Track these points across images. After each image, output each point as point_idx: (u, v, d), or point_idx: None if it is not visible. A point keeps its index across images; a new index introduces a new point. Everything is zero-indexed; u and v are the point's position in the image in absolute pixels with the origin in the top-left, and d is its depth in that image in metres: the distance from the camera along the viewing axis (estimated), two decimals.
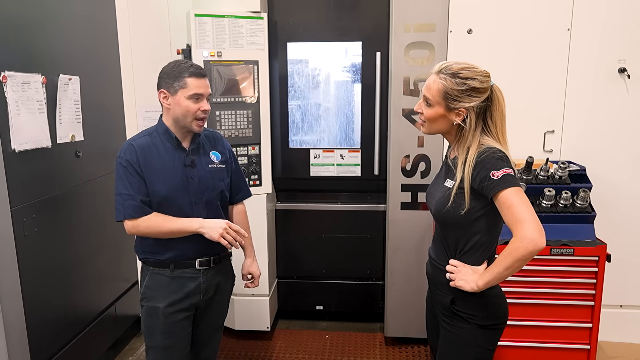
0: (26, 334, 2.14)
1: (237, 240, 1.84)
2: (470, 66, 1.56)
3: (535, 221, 1.42)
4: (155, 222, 1.82)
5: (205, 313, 2.03)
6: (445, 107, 1.57)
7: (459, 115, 1.56)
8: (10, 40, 2.06)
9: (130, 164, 1.81)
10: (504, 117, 1.59)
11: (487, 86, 1.54)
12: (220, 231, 1.81)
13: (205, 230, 1.81)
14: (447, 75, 1.55)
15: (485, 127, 1.58)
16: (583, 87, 2.75)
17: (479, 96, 1.53)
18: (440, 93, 1.56)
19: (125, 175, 1.82)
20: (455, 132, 1.61)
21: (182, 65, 1.82)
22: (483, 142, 1.55)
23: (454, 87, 1.53)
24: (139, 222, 1.82)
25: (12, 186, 2.05)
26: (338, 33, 3.10)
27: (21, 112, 2.11)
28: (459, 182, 1.56)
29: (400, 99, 2.79)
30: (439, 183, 1.71)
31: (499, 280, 1.52)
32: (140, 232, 1.84)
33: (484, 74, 1.55)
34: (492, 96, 1.56)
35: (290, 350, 3.10)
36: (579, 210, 2.47)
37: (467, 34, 2.73)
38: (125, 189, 1.81)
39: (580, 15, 2.68)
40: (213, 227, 1.81)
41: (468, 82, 1.52)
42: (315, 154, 3.22)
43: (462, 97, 1.53)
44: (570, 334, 2.49)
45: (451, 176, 1.62)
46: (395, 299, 3.04)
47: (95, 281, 2.75)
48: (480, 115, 1.56)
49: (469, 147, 1.56)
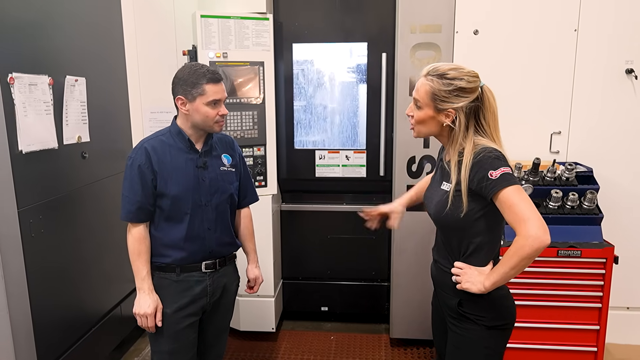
0: (33, 335, 2.14)
1: (147, 328, 1.86)
2: (457, 67, 1.56)
3: (538, 218, 1.40)
4: (134, 242, 1.86)
5: (212, 315, 2.03)
6: (434, 109, 1.57)
7: (448, 116, 1.56)
8: (17, 41, 2.07)
9: (139, 167, 1.82)
10: (496, 117, 1.58)
11: (475, 86, 1.54)
12: (139, 311, 1.82)
13: (138, 296, 1.85)
14: (435, 77, 1.55)
15: (478, 127, 1.57)
16: (590, 88, 2.73)
17: (467, 96, 1.53)
18: (428, 94, 1.56)
19: (131, 177, 1.84)
20: (446, 134, 1.61)
21: (198, 71, 1.81)
22: (478, 142, 1.54)
23: (441, 87, 1.53)
24: (130, 226, 1.87)
25: (19, 187, 2.05)
26: (343, 34, 3.10)
27: (28, 113, 2.11)
28: (455, 185, 1.55)
29: (406, 100, 2.78)
30: (435, 187, 1.70)
31: (505, 280, 1.51)
32: (128, 236, 1.88)
33: (471, 74, 1.55)
34: (483, 97, 1.55)
35: (295, 351, 3.10)
36: (586, 211, 2.46)
37: (474, 35, 2.72)
38: (127, 191, 1.84)
39: (587, 15, 2.66)
40: (141, 304, 1.83)
41: (455, 83, 1.52)
42: (320, 154, 3.22)
43: (449, 97, 1.53)
44: (577, 336, 2.47)
45: (447, 179, 1.61)
46: (400, 301, 3.03)
47: (101, 282, 2.76)
48: (471, 116, 1.55)
49: (462, 149, 1.55)
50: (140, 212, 1.84)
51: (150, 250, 1.90)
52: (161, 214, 1.87)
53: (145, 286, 1.84)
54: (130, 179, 1.83)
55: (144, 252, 1.85)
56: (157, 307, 1.84)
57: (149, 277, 1.86)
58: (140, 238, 1.85)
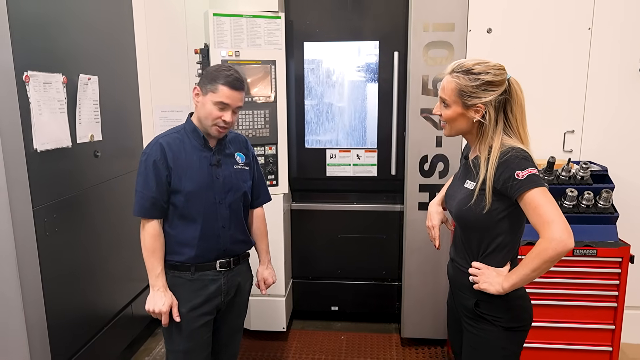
0: (47, 334, 2.14)
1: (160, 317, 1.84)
2: (483, 61, 1.54)
3: (563, 222, 1.39)
4: (148, 239, 1.84)
5: (226, 315, 2.02)
6: (462, 105, 1.55)
7: (478, 111, 1.54)
8: (32, 39, 2.06)
9: (154, 162, 1.81)
10: (524, 110, 1.56)
11: (502, 79, 1.52)
12: (154, 309, 1.81)
13: (151, 293, 1.83)
14: (460, 73, 1.54)
15: (506, 121, 1.55)
16: (604, 86, 2.71)
17: (494, 90, 1.51)
18: (455, 92, 1.55)
19: (145, 173, 1.82)
20: (476, 130, 1.59)
21: (223, 71, 1.80)
22: (505, 142, 1.53)
23: (468, 83, 1.52)
24: (143, 222, 1.86)
25: (34, 186, 2.04)
26: (355, 33, 3.09)
27: (43, 112, 2.10)
28: (481, 182, 1.53)
29: (419, 99, 2.77)
30: (458, 184, 1.69)
31: (525, 282, 1.50)
32: (141, 232, 1.86)
33: (497, 67, 1.53)
34: (510, 90, 1.54)
35: (306, 350, 3.09)
36: (602, 210, 2.44)
37: (487, 34, 2.71)
38: (141, 187, 1.83)
39: (601, 14, 2.65)
40: (155, 301, 1.81)
41: (482, 77, 1.51)
42: (331, 153, 3.21)
43: (477, 92, 1.52)
44: (592, 336, 2.46)
45: (471, 177, 1.60)
46: (412, 300, 3.02)
47: (113, 281, 2.75)
48: (500, 109, 1.54)
49: (491, 146, 1.53)
50: (154, 208, 1.83)
51: (166, 247, 1.90)
52: (175, 212, 1.86)
53: (160, 283, 1.83)
54: (144, 175, 1.82)
55: (158, 249, 1.84)
56: (172, 304, 1.83)
57: (163, 274, 1.85)
58: (154, 234, 1.84)
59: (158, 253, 1.84)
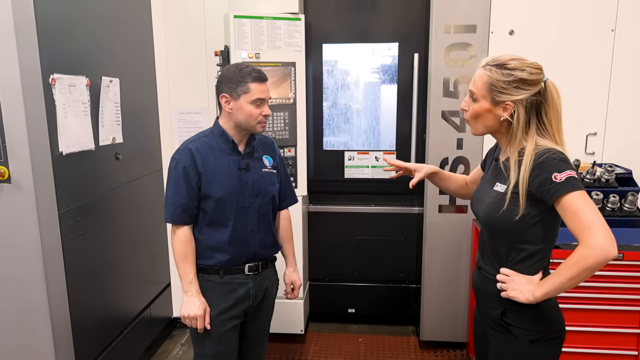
0: (71, 336, 2.13)
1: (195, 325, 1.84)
2: (520, 58, 1.46)
3: (605, 228, 1.31)
4: (179, 245, 1.83)
5: (254, 318, 2.01)
6: (490, 101, 1.47)
7: (506, 109, 1.45)
8: (58, 42, 2.06)
9: (184, 168, 1.80)
10: (560, 116, 1.48)
11: (538, 79, 1.44)
12: (189, 314, 1.81)
13: (185, 299, 1.83)
14: (494, 67, 1.46)
15: (540, 125, 1.47)
16: (627, 89, 2.69)
17: (527, 89, 1.43)
18: (485, 85, 1.47)
19: (176, 179, 1.82)
20: (505, 130, 1.51)
21: (244, 69, 1.80)
22: (540, 143, 1.44)
23: (500, 78, 1.44)
24: (174, 228, 1.85)
25: (59, 189, 2.04)
26: (373, 34, 3.07)
27: (68, 114, 2.10)
28: (513, 186, 1.45)
29: (440, 101, 2.76)
30: (487, 187, 1.60)
31: (559, 292, 1.40)
32: (172, 239, 1.86)
33: (534, 65, 1.45)
34: (546, 93, 1.45)
35: (324, 353, 3.08)
36: (627, 214, 2.42)
37: (509, 35, 2.69)
38: (172, 193, 1.82)
39: (625, 16, 2.62)
40: (190, 307, 1.81)
41: (515, 73, 1.42)
42: (349, 155, 3.19)
43: (508, 89, 1.43)
44: (618, 340, 2.43)
45: (501, 180, 1.52)
46: (431, 303, 3.00)
47: (133, 283, 2.74)
48: (532, 111, 1.45)
49: (522, 148, 1.46)
50: (185, 215, 1.83)
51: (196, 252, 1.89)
52: (204, 217, 1.85)
53: (193, 289, 1.82)
54: (175, 181, 1.81)
55: (190, 254, 1.84)
56: (205, 309, 1.83)
57: (195, 280, 1.84)
58: (185, 240, 1.83)
59: (190, 259, 1.83)
